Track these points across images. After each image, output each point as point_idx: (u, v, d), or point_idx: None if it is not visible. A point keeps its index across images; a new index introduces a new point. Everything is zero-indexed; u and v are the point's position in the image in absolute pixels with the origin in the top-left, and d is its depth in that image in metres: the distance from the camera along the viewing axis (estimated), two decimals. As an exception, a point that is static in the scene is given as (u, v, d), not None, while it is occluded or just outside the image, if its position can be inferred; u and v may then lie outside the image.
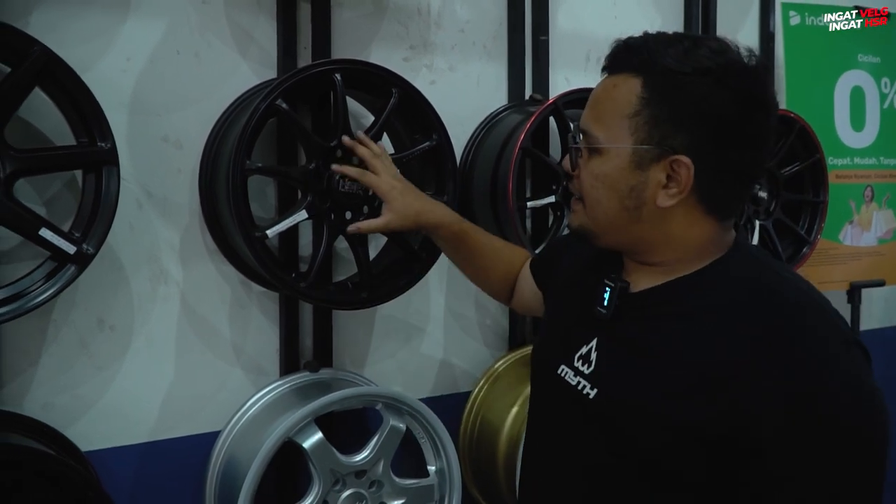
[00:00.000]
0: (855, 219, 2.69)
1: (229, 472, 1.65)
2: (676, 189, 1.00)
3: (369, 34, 1.87)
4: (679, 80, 0.98)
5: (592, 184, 1.06)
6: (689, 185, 0.99)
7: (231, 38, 1.70)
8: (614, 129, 1.02)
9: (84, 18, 1.53)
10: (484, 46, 2.04)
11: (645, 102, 1.00)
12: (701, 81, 0.97)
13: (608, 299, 1.09)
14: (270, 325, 1.78)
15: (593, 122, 1.05)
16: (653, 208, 1.02)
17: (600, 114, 1.05)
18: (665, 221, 1.03)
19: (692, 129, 0.98)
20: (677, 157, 0.98)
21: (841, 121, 2.64)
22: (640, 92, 1.00)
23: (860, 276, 2.71)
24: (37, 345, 1.54)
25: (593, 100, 1.08)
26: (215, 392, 1.72)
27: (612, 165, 1.03)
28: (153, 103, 1.61)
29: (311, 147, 1.58)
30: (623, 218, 1.04)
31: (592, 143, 1.05)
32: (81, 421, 1.58)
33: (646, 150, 1.00)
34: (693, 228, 1.04)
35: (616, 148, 1.02)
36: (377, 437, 1.70)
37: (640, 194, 1.02)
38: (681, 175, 0.99)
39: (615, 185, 1.03)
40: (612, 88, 1.04)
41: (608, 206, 1.05)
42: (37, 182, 1.49)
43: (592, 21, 2.22)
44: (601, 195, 1.05)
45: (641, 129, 1.00)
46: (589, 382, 1.07)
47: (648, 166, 1.01)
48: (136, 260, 1.61)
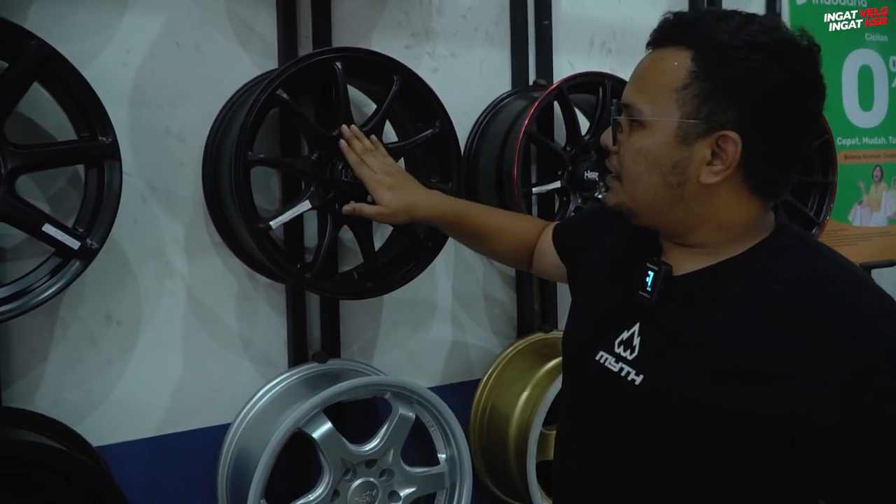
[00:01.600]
0: (864, 199, 2.67)
1: (240, 463, 1.65)
2: (722, 166, 0.97)
3: (370, 23, 1.86)
4: (732, 53, 0.95)
5: (634, 159, 1.02)
6: (735, 163, 0.97)
7: (231, 29, 1.69)
8: (661, 101, 0.99)
9: (83, 12, 1.53)
10: (486, 32, 2.02)
11: (695, 76, 0.97)
12: (754, 57, 0.95)
13: (651, 283, 1.05)
14: (278, 316, 1.77)
15: (638, 95, 1.02)
16: (696, 186, 0.99)
17: (646, 87, 1.01)
18: (708, 200, 1.00)
19: (742, 105, 0.95)
20: (725, 132, 0.96)
21: (849, 100, 2.62)
22: (689, 65, 0.97)
23: (870, 257, 2.70)
24: (45, 341, 1.54)
25: (639, 73, 1.04)
26: (224, 385, 1.72)
27: (656, 139, 1.00)
28: (154, 96, 1.61)
29: (314, 137, 1.58)
30: (665, 196, 1.01)
31: (636, 115, 1.01)
32: (92, 416, 1.58)
33: (693, 124, 0.97)
34: (737, 208, 1.01)
35: (661, 121, 0.99)
36: (387, 427, 1.70)
37: (683, 170, 0.99)
38: (727, 151, 0.97)
39: (658, 160, 1.00)
40: (659, 61, 1.01)
41: (649, 183, 1.01)
42: (40, 178, 1.49)
43: (596, 5, 2.20)
44: (642, 171, 1.01)
45: (689, 102, 0.97)
46: (633, 368, 1.04)
47: (694, 141, 0.98)
48: (141, 254, 1.61)
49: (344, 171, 1.58)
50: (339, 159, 1.59)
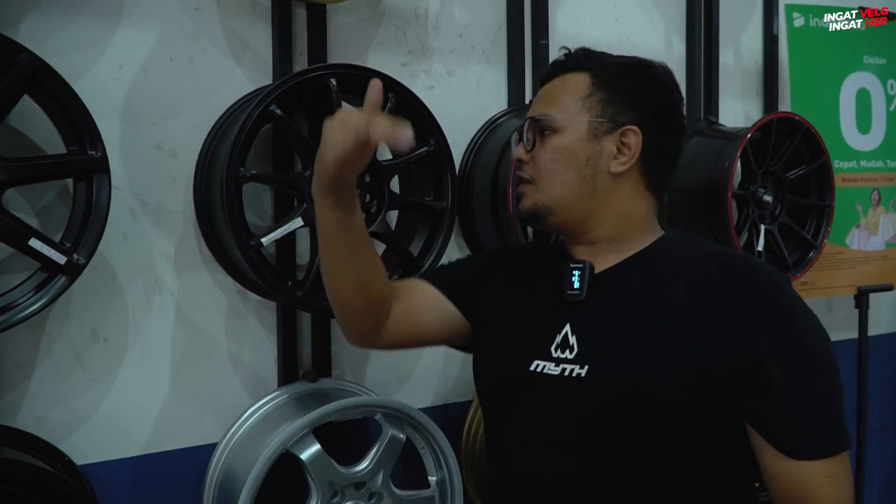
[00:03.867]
0: (862, 222, 2.65)
1: (226, 484, 1.62)
2: (626, 157, 1.18)
3: (366, 39, 1.85)
4: (622, 69, 1.21)
5: (552, 157, 1.19)
6: (637, 153, 1.18)
7: (226, 44, 1.68)
8: (570, 108, 1.19)
9: (75, 26, 1.51)
10: (483, 51, 2.01)
11: (595, 87, 1.20)
12: (639, 72, 1.22)
13: (578, 281, 1.18)
14: (268, 334, 1.75)
15: (549, 108, 1.21)
16: (606, 177, 1.18)
17: (554, 101, 1.21)
18: (615, 192, 1.19)
19: (637, 106, 1.19)
20: (629, 127, 1.18)
21: (847, 123, 2.60)
22: (589, 80, 1.20)
23: (868, 281, 2.68)
24: (30, 357, 1.51)
25: (545, 94, 1.25)
26: (212, 403, 1.69)
27: (571, 138, 1.18)
28: (146, 111, 1.59)
29: (307, 154, 1.56)
30: (579, 188, 1.18)
31: (552, 122, 1.19)
32: (76, 434, 1.55)
33: (601, 122, 1.18)
34: (637, 201, 1.21)
35: (574, 122, 1.18)
36: (376, 448, 1.68)
37: (596, 163, 1.18)
38: (630, 144, 1.18)
39: (574, 155, 1.18)
40: (562, 82, 1.23)
41: (566, 177, 1.18)
42: (28, 192, 1.47)
43: (593, 25, 2.20)
44: (560, 167, 1.18)
45: (595, 106, 1.19)
46: (576, 364, 1.13)
47: (602, 138, 1.18)
48: (130, 270, 1.59)
49: (337, 189, 1.56)
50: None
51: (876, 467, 2.97)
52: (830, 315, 2.86)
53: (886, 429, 3.05)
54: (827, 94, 2.57)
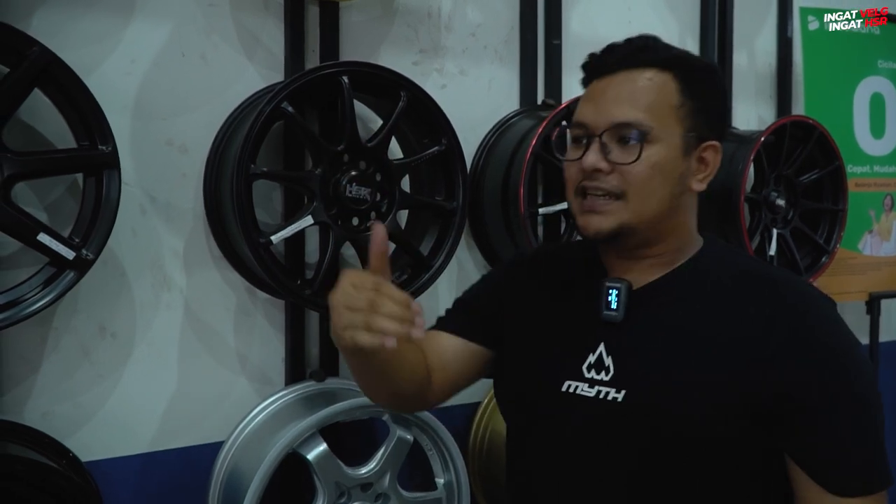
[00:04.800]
0: (874, 228, 2.63)
1: (232, 483, 1.61)
2: (706, 174, 1.09)
3: (378, 37, 1.84)
4: (700, 75, 1.09)
5: (649, 173, 1.05)
6: (715, 169, 1.10)
7: (238, 40, 1.67)
8: (665, 118, 1.06)
9: (87, 20, 1.51)
10: (495, 50, 2.00)
11: (685, 94, 1.07)
12: (711, 77, 1.11)
13: (616, 301, 1.09)
14: (276, 333, 1.74)
15: (638, 112, 1.05)
16: (687, 195, 1.10)
17: (641, 103, 1.06)
18: (689, 208, 1.11)
19: (713, 118, 1.10)
20: (711, 143, 1.09)
21: (860, 128, 2.58)
22: (677, 86, 1.07)
23: (879, 287, 2.66)
24: (37, 352, 1.51)
25: (625, 93, 1.06)
26: (219, 401, 1.68)
27: (668, 152, 1.06)
28: (158, 106, 1.58)
29: (318, 151, 1.55)
30: (668, 205, 1.07)
31: (648, 131, 1.05)
32: (82, 430, 1.55)
33: (692, 136, 1.07)
34: (693, 214, 1.13)
35: (669, 135, 1.06)
36: (384, 449, 1.66)
37: (684, 181, 1.08)
38: (709, 160, 1.09)
39: (671, 172, 1.06)
40: (648, 81, 1.06)
41: (661, 194, 1.06)
42: (38, 186, 1.47)
43: (606, 25, 2.19)
44: (657, 184, 1.06)
45: (686, 118, 1.07)
46: (612, 387, 1.06)
47: (691, 153, 1.08)
48: (138, 266, 1.58)
49: (348, 187, 1.55)
50: (344, 175, 1.57)
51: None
52: (841, 321, 2.83)
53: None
54: (841, 98, 2.55)
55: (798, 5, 2.53)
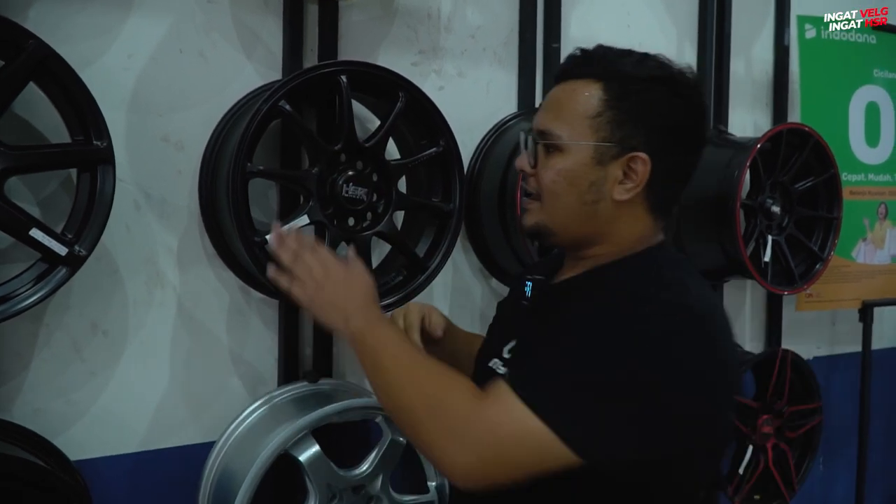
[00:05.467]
0: (868, 236, 2.64)
1: (223, 484, 1.59)
2: (632, 184, 1.11)
3: (377, 38, 1.83)
4: (637, 85, 1.10)
5: (554, 179, 1.12)
6: (644, 181, 1.11)
7: (237, 38, 1.66)
8: (577, 128, 1.11)
9: (85, 14, 1.49)
10: (494, 53, 2.00)
11: (607, 105, 1.10)
12: (656, 88, 1.10)
13: (529, 292, 1.22)
14: (269, 332, 1.73)
15: (554, 122, 1.13)
16: (609, 203, 1.12)
17: (562, 115, 1.13)
18: (615, 217, 1.13)
19: (649, 129, 1.10)
20: (637, 154, 1.10)
21: (856, 136, 2.59)
22: (601, 95, 1.10)
23: (873, 295, 2.66)
24: (29, 349, 1.49)
25: (553, 103, 1.16)
26: (211, 401, 1.67)
27: (574, 161, 1.11)
28: (154, 102, 1.57)
29: (315, 151, 1.54)
30: (581, 213, 1.13)
31: (555, 140, 1.12)
32: (74, 428, 1.53)
33: (607, 147, 1.10)
34: (635, 225, 1.15)
35: (579, 145, 1.11)
36: (376, 451, 1.66)
37: (599, 189, 1.11)
38: (637, 171, 1.10)
39: (577, 180, 1.11)
40: (572, 92, 1.13)
41: (567, 201, 1.12)
42: (31, 181, 1.45)
43: (605, 30, 2.18)
44: (562, 190, 1.12)
45: (604, 128, 1.10)
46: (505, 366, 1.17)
47: (608, 163, 1.10)
48: (132, 263, 1.57)
49: (344, 187, 1.55)
50: (340, 174, 1.56)
51: (878, 482, 2.95)
52: (834, 328, 2.84)
53: (888, 444, 3.04)
54: (837, 106, 2.55)
55: (795, 13, 2.53)
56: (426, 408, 1.04)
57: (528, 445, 0.98)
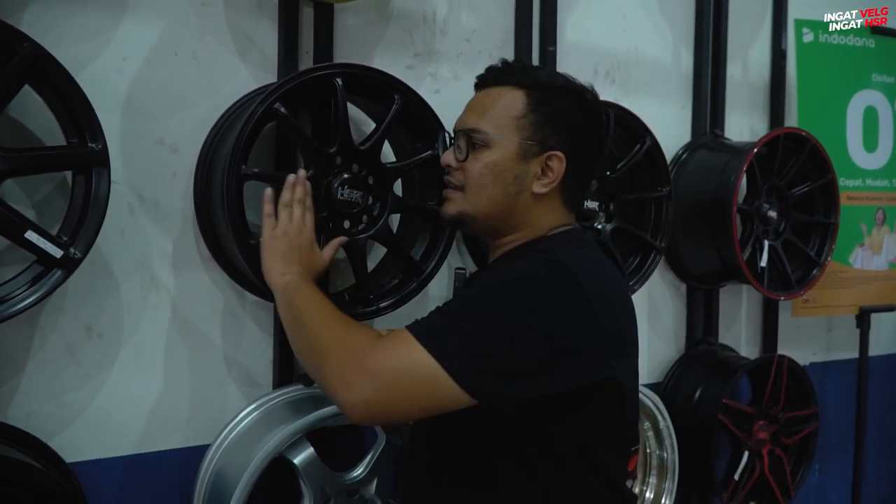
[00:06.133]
0: (866, 242, 2.64)
1: (218, 487, 1.59)
2: (549, 180, 1.30)
3: (373, 41, 1.83)
4: (553, 94, 1.30)
5: (482, 172, 1.30)
6: (559, 177, 1.29)
7: (231, 40, 1.66)
8: (504, 127, 1.29)
9: (80, 17, 1.49)
10: (490, 56, 2.00)
11: (529, 108, 1.29)
12: (569, 97, 1.31)
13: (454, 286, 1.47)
14: (264, 335, 1.73)
15: (482, 121, 1.31)
16: (528, 196, 1.30)
17: (488, 115, 1.31)
18: (534, 209, 1.31)
19: (564, 132, 1.30)
20: (555, 152, 1.29)
21: (853, 141, 2.59)
22: (524, 99, 1.30)
23: (870, 301, 2.66)
24: (23, 352, 1.49)
25: (478, 104, 1.34)
26: (205, 404, 1.67)
27: (501, 156, 1.29)
28: (149, 105, 1.57)
29: (310, 153, 1.54)
30: (503, 203, 1.30)
31: (484, 137, 1.30)
32: (67, 431, 1.53)
33: (530, 145, 1.29)
34: (549, 215, 1.33)
35: (506, 141, 1.29)
36: (371, 455, 1.65)
37: (521, 182, 1.29)
38: (554, 168, 1.29)
39: (503, 172, 1.29)
40: (497, 96, 1.32)
41: (493, 192, 1.30)
42: (26, 184, 1.45)
43: (601, 34, 2.19)
44: (488, 181, 1.30)
45: (527, 128, 1.29)
46: None
47: (530, 159, 1.29)
48: (126, 266, 1.57)
49: (339, 190, 1.54)
50: (336, 177, 1.56)
51: (872, 488, 2.95)
52: (830, 334, 2.84)
53: (883, 450, 3.03)
54: (834, 111, 2.56)
55: (792, 17, 2.54)
56: (331, 348, 1.18)
57: (420, 380, 1.11)
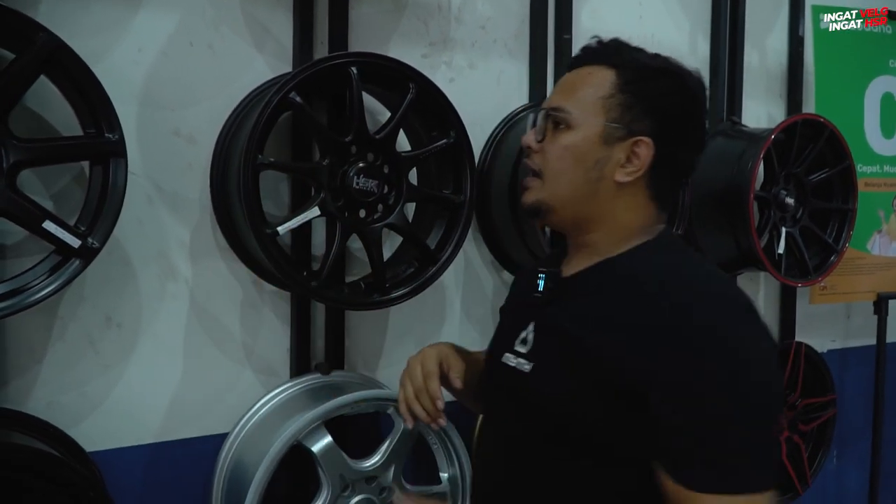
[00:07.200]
0: (884, 228, 2.62)
1: (236, 475, 1.60)
2: (634, 168, 1.13)
3: (388, 30, 1.83)
4: (648, 74, 1.14)
5: (561, 155, 1.15)
6: (645, 166, 1.13)
7: (246, 31, 1.66)
8: (588, 106, 1.14)
9: (95, 8, 1.50)
10: (505, 44, 1.99)
11: (618, 88, 1.14)
12: (665, 80, 1.15)
13: (542, 285, 1.20)
14: (282, 325, 1.73)
15: (567, 101, 1.16)
16: (610, 184, 1.14)
17: (574, 94, 1.16)
18: (615, 200, 1.15)
19: (655, 117, 1.13)
20: (642, 138, 1.13)
21: (871, 127, 2.57)
22: (614, 79, 1.14)
23: (887, 288, 2.64)
24: (43, 341, 1.50)
25: (566, 83, 1.19)
26: (224, 393, 1.67)
27: (583, 137, 1.14)
28: (165, 96, 1.57)
29: (326, 142, 1.54)
30: (582, 191, 1.15)
31: (567, 117, 1.15)
32: (87, 420, 1.54)
33: (615, 128, 1.13)
34: (635, 211, 1.17)
35: (589, 122, 1.14)
36: (388, 442, 1.66)
37: (602, 168, 1.14)
38: (640, 155, 1.13)
39: (583, 156, 1.14)
40: (586, 75, 1.17)
41: (572, 177, 1.15)
42: (44, 174, 1.46)
43: (617, 21, 2.17)
44: (567, 166, 1.15)
45: (614, 109, 1.13)
46: (526, 360, 1.16)
47: (614, 144, 1.13)
48: (144, 256, 1.57)
49: (355, 179, 1.55)
50: (351, 166, 1.56)
51: (892, 478, 2.93)
52: (848, 321, 2.82)
53: (902, 438, 3.01)
54: (852, 97, 2.53)
55: (810, 3, 2.51)
56: None
57: None
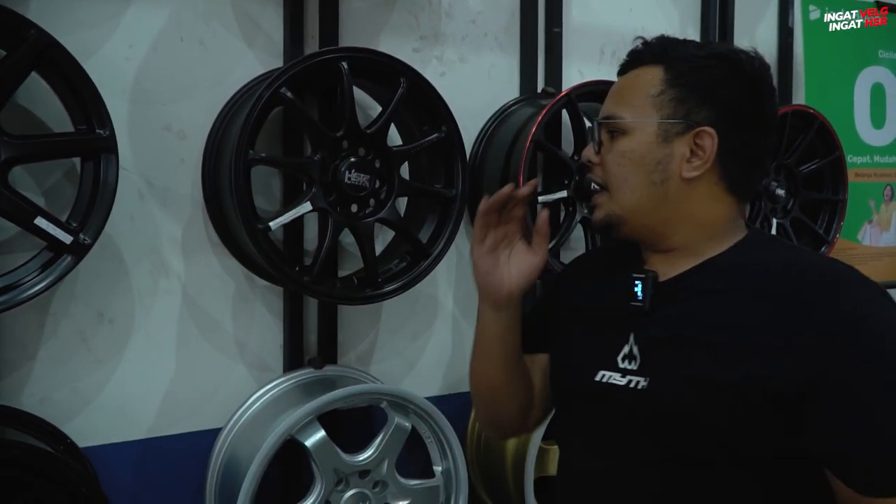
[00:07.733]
0: (874, 218, 2.63)
1: (230, 470, 1.61)
2: (700, 161, 1.06)
3: (378, 24, 1.83)
4: (699, 62, 1.07)
5: (619, 162, 1.09)
6: (712, 156, 1.06)
7: (237, 26, 1.66)
8: (639, 108, 1.08)
9: (86, 4, 1.50)
10: (496, 38, 1.99)
11: (668, 83, 1.07)
12: (718, 65, 1.07)
13: (642, 291, 1.10)
14: (274, 320, 1.74)
15: (618, 107, 1.10)
16: (678, 182, 1.07)
17: (624, 98, 1.10)
18: (689, 197, 1.08)
19: (713, 104, 1.06)
20: (703, 128, 1.06)
21: (861, 118, 2.58)
22: (662, 75, 1.08)
23: (879, 278, 2.64)
24: (35, 338, 1.50)
25: (616, 90, 1.13)
26: (217, 388, 1.68)
27: (639, 141, 1.08)
28: (156, 92, 1.57)
29: (317, 137, 1.55)
30: (650, 195, 1.08)
31: (621, 123, 1.09)
32: (80, 416, 1.54)
33: (671, 123, 1.07)
34: (714, 205, 1.09)
35: (642, 124, 1.07)
36: (382, 436, 1.66)
37: (666, 167, 1.07)
38: (704, 147, 1.06)
39: (642, 159, 1.07)
40: (634, 78, 1.11)
41: (635, 183, 1.08)
42: (35, 171, 1.46)
43: (607, 14, 2.17)
44: (628, 172, 1.08)
45: (667, 105, 1.07)
46: (639, 376, 1.08)
47: (673, 140, 1.07)
48: (136, 252, 1.58)
49: (347, 174, 1.55)
50: (343, 161, 1.56)
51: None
52: (840, 312, 2.83)
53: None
54: (841, 88, 2.54)
55: (799, -5, 2.52)
56: None
57: None
